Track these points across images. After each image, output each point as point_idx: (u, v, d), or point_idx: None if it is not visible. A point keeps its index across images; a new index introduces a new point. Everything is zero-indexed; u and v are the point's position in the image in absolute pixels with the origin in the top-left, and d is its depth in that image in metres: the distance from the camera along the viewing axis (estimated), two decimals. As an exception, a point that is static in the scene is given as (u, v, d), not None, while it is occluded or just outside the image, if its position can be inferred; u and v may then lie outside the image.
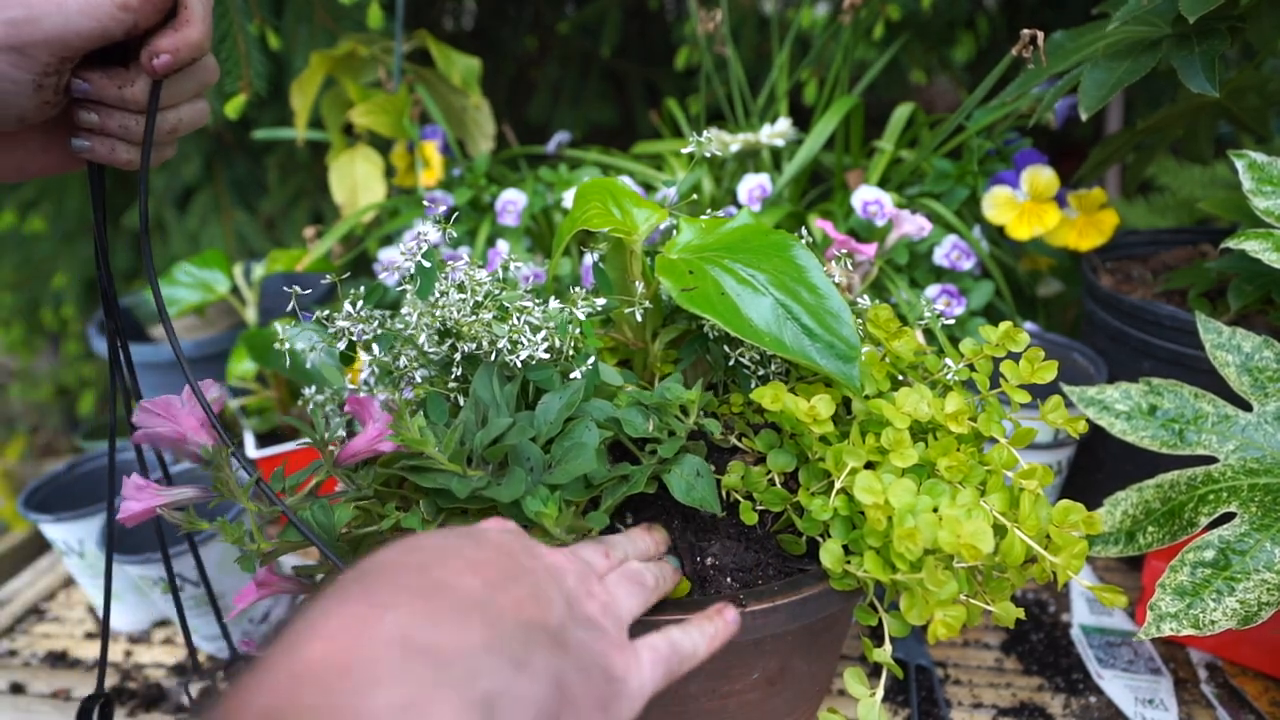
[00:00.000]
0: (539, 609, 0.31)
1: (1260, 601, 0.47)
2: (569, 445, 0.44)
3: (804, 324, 0.44)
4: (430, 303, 0.47)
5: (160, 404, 0.41)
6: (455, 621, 0.27)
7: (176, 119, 0.43)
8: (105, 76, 0.39)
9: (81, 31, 0.36)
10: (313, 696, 0.23)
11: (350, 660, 0.24)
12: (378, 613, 0.26)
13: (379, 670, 0.24)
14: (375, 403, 0.45)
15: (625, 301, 0.51)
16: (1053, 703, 0.64)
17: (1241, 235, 0.58)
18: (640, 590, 0.40)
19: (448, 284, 0.48)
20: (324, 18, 1.03)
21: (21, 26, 0.35)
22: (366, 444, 0.44)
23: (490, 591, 0.29)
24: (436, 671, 0.24)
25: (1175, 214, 1.11)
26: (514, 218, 0.89)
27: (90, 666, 0.73)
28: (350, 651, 0.24)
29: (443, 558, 0.30)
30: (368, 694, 0.23)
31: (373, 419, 0.44)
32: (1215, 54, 0.62)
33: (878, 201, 0.77)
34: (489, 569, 0.31)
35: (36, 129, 0.41)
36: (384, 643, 0.25)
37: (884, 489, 0.42)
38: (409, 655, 0.24)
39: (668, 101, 1.06)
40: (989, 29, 1.57)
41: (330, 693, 0.23)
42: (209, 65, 0.43)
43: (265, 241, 1.41)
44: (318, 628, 0.25)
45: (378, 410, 0.45)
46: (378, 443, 0.44)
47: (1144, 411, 0.58)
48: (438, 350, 0.48)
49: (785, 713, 0.54)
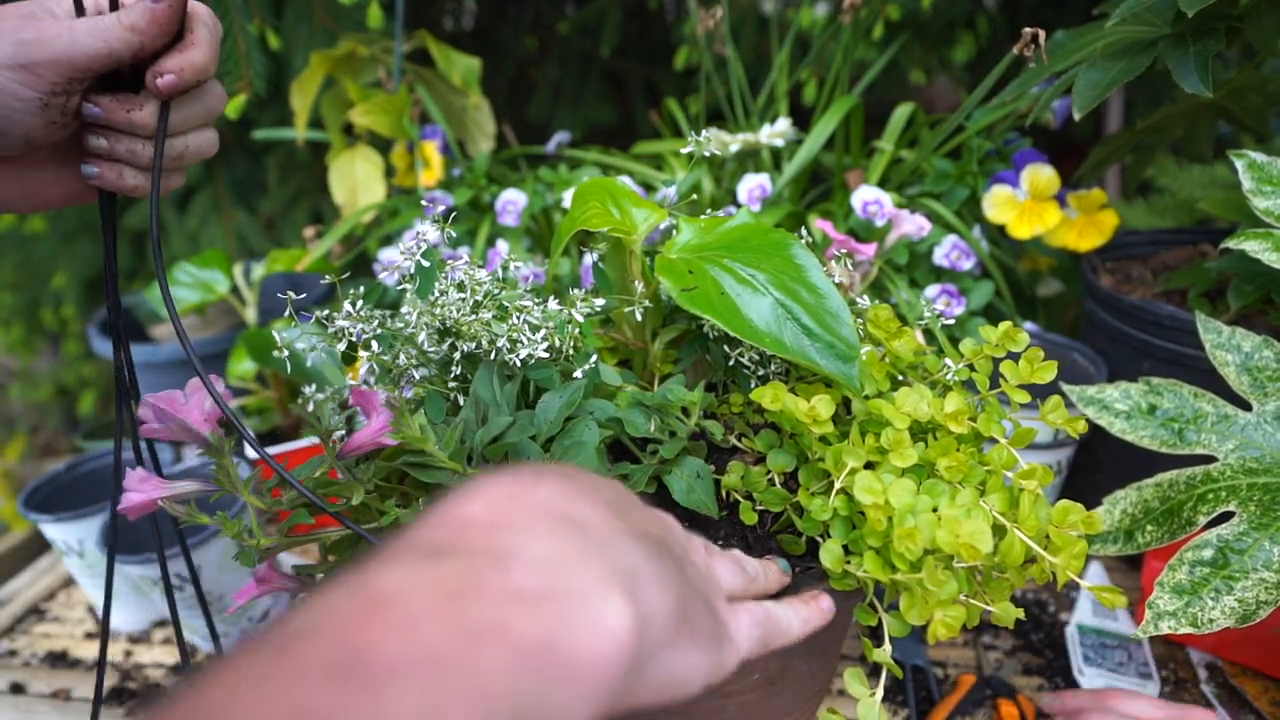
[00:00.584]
0: (663, 533, 0.33)
1: (1258, 600, 0.47)
2: (569, 444, 0.44)
3: (803, 324, 0.44)
4: (430, 302, 0.47)
5: (164, 398, 0.41)
6: (599, 510, 0.29)
7: (184, 146, 0.44)
8: (114, 100, 0.40)
9: (89, 51, 0.37)
10: (477, 538, 0.25)
11: (509, 517, 0.27)
12: (531, 488, 0.29)
13: (535, 527, 0.26)
14: (380, 396, 0.45)
15: (625, 301, 0.51)
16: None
17: (1241, 235, 0.58)
18: (740, 573, 0.40)
19: (447, 283, 0.48)
20: (324, 17, 1.03)
21: (30, 46, 0.37)
22: (370, 437, 0.44)
23: (624, 505, 0.32)
24: (584, 538, 0.27)
25: (1175, 214, 1.11)
26: (514, 218, 0.89)
27: (90, 666, 0.73)
28: (509, 512, 0.27)
29: (579, 473, 0.32)
30: (525, 542, 0.25)
31: (377, 412, 0.44)
32: (1210, 54, 0.62)
33: (877, 201, 0.77)
34: (617, 493, 0.33)
35: (49, 160, 0.43)
36: (539, 509, 0.28)
37: (884, 489, 0.42)
38: (561, 521, 0.27)
39: (668, 101, 1.06)
40: (989, 29, 1.57)
41: (492, 536, 0.26)
42: (216, 92, 0.44)
43: (265, 241, 1.41)
44: (476, 495, 0.28)
45: (382, 403, 0.45)
46: (381, 435, 0.44)
47: (1143, 411, 0.58)
48: (437, 349, 0.48)
49: (785, 713, 0.54)
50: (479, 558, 0.24)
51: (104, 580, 0.49)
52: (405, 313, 0.48)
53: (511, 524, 0.26)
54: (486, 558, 0.24)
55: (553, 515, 0.27)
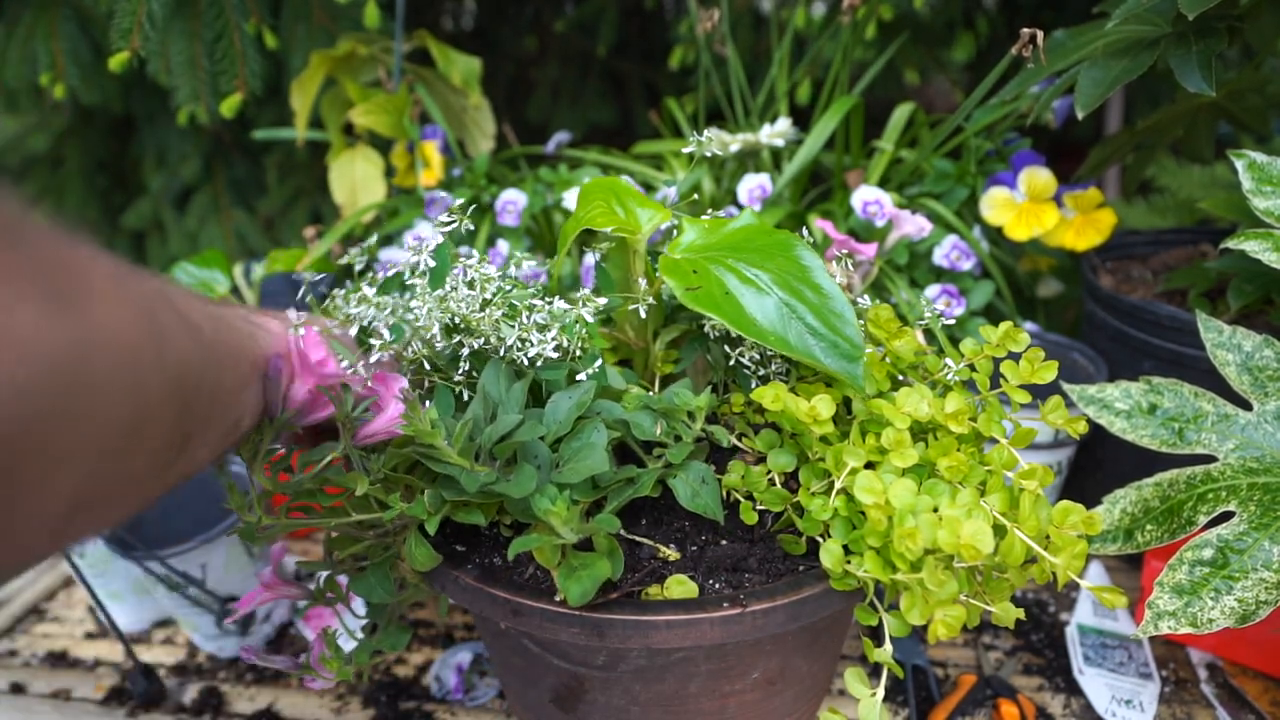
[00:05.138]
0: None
1: (1258, 600, 0.47)
2: (578, 445, 0.44)
3: (808, 323, 0.44)
4: (439, 297, 0.47)
5: None
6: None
7: None
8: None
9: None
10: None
11: None
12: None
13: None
14: (399, 382, 0.44)
15: (629, 300, 0.51)
16: (1053, 703, 0.64)
17: (1241, 235, 0.58)
18: None
19: (457, 279, 0.48)
20: (322, 17, 1.03)
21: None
22: (386, 424, 0.44)
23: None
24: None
25: (1175, 214, 1.11)
26: (514, 218, 0.89)
27: (90, 666, 0.73)
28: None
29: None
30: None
31: (394, 398, 0.44)
32: (1212, 53, 0.62)
33: (878, 201, 0.77)
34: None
35: None
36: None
37: (884, 489, 0.42)
38: None
39: (667, 101, 1.06)
40: (988, 29, 1.57)
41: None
42: None
43: (265, 241, 1.41)
44: None
45: (399, 390, 0.44)
46: (395, 425, 0.43)
47: (1144, 410, 0.58)
48: (446, 344, 0.49)
49: (785, 713, 0.54)
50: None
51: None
52: (415, 306, 0.48)
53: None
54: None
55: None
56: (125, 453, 0.28)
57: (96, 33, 1.07)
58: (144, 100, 1.32)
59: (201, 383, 0.33)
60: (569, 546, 0.44)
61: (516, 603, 0.43)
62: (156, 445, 0.30)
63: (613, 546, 0.44)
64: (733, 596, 0.43)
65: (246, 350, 0.40)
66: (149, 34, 0.85)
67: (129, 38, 0.84)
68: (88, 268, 0.27)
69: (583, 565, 0.43)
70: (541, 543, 0.41)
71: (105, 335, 0.26)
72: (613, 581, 0.44)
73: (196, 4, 0.93)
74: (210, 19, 0.94)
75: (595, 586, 0.42)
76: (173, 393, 0.30)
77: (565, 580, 0.42)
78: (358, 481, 0.44)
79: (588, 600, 0.42)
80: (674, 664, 0.47)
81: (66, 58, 1.04)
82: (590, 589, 0.42)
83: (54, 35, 1.04)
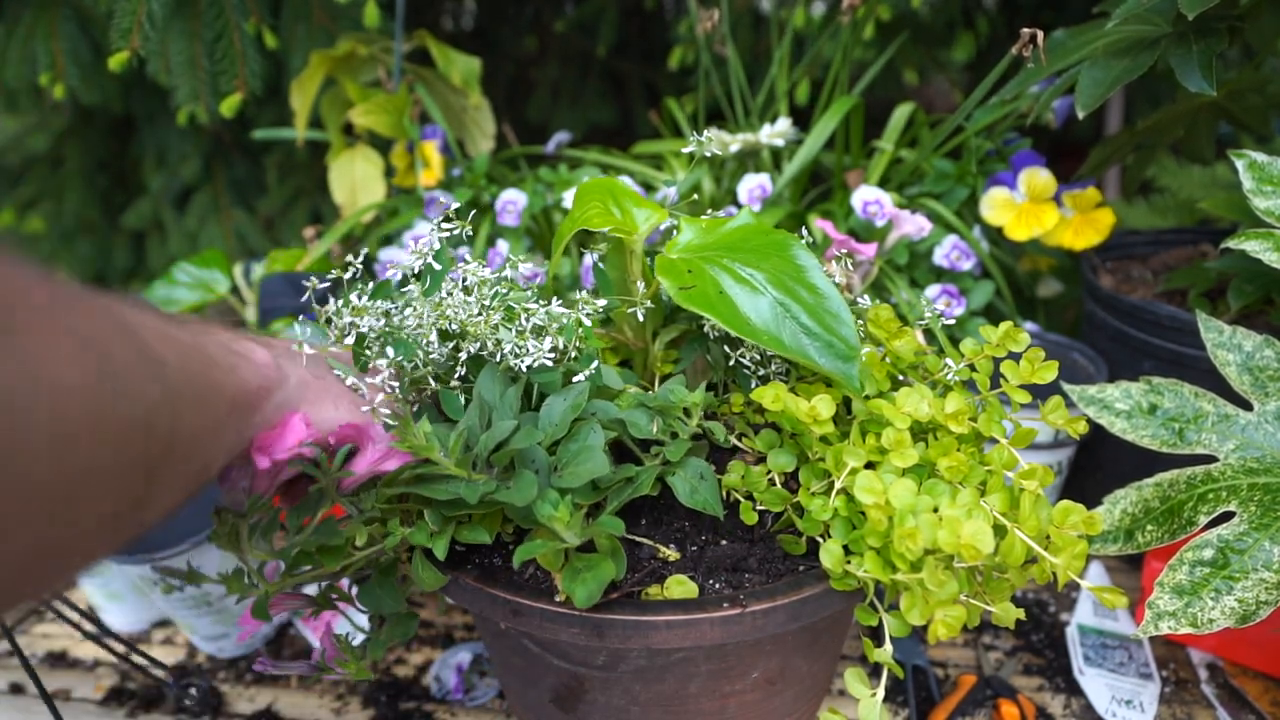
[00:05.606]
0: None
1: (1258, 600, 0.47)
2: (576, 448, 0.44)
3: (802, 323, 0.44)
4: (435, 303, 0.47)
5: None
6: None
7: None
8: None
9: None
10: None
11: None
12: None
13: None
14: (374, 426, 0.45)
15: (626, 301, 0.51)
16: (1053, 703, 0.64)
17: (1241, 235, 0.58)
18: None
19: (453, 284, 0.48)
20: (322, 17, 1.03)
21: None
22: (368, 467, 0.44)
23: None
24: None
25: (1175, 214, 1.11)
26: (514, 218, 0.89)
27: (90, 666, 0.73)
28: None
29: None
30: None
31: (373, 442, 0.44)
32: (1213, 53, 0.62)
33: (878, 201, 0.77)
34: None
35: None
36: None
37: (884, 489, 0.42)
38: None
39: (667, 101, 1.06)
40: (988, 29, 1.57)
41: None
42: None
43: (264, 241, 1.41)
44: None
45: (377, 432, 0.45)
46: (380, 464, 0.44)
47: (1144, 410, 0.58)
48: (440, 351, 0.48)
49: (785, 713, 0.54)
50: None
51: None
52: (408, 314, 0.48)
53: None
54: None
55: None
56: (67, 516, 0.24)
57: (96, 32, 1.07)
58: (144, 100, 1.32)
59: (162, 426, 0.29)
60: (571, 549, 0.44)
61: (516, 603, 0.43)
62: (105, 507, 0.26)
63: (615, 547, 0.44)
64: (733, 597, 0.43)
65: (224, 387, 0.35)
66: (149, 34, 0.85)
67: (129, 37, 0.84)
68: (16, 298, 0.23)
69: (587, 567, 0.42)
70: (546, 549, 0.41)
71: (30, 379, 0.22)
72: (613, 582, 0.44)
73: (196, 4, 0.93)
74: (210, 19, 0.94)
75: (601, 588, 0.42)
76: (126, 442, 0.26)
77: (570, 583, 0.42)
78: (357, 533, 0.44)
79: (594, 602, 0.42)
80: (674, 664, 0.47)
81: (66, 58, 1.04)
82: (596, 591, 0.41)
83: (54, 35, 1.04)
